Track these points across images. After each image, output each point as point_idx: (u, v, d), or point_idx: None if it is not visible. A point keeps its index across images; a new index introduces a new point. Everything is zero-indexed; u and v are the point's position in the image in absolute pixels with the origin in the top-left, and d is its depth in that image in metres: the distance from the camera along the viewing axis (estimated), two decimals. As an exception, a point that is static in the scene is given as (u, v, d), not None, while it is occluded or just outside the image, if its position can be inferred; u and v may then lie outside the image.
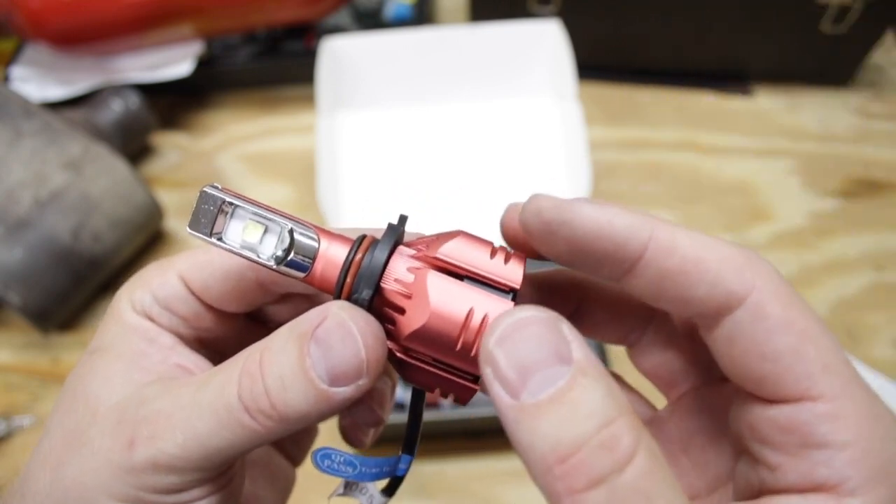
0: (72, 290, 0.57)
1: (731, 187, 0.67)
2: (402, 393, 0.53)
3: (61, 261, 0.55)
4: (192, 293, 0.22)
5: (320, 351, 0.17)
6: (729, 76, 0.75)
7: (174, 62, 0.68)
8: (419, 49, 0.61)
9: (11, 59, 0.72)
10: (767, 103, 0.73)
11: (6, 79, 0.70)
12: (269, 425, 0.17)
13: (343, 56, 0.60)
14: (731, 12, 0.68)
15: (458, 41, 0.61)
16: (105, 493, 0.18)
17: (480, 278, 0.18)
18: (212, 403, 0.18)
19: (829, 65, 0.72)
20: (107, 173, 0.57)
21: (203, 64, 0.71)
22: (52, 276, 0.55)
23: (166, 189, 0.68)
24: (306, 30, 0.74)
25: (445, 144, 0.61)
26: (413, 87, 0.62)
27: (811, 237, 0.64)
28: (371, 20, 0.76)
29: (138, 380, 0.20)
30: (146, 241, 0.64)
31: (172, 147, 0.72)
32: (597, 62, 0.75)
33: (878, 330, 0.58)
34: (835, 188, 0.67)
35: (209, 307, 0.22)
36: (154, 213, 0.61)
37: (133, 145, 0.68)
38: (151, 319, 0.21)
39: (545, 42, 0.60)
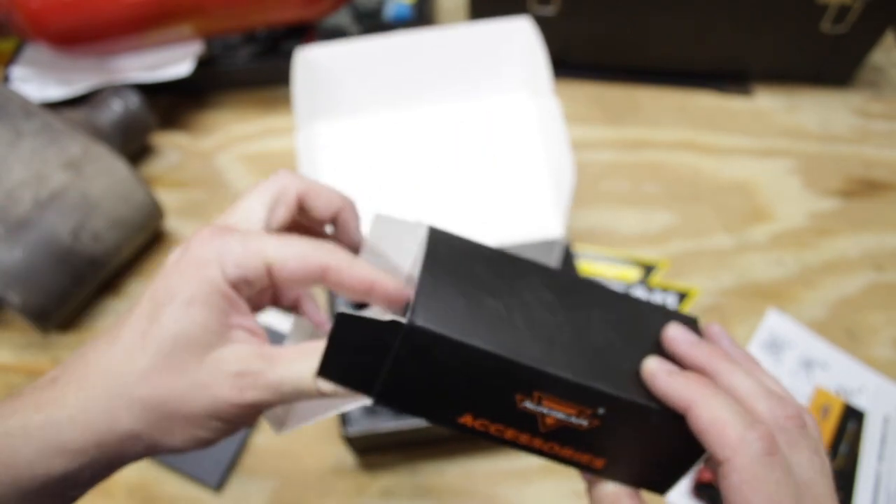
0: (72, 290, 0.57)
1: (730, 187, 0.67)
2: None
3: (61, 261, 0.55)
4: (271, 275, 0.26)
5: None
6: (729, 76, 0.75)
7: (174, 62, 0.68)
8: (392, 55, 0.60)
9: (11, 59, 0.72)
10: (767, 103, 0.73)
11: (6, 79, 0.70)
12: None
13: (317, 66, 0.60)
14: (731, 12, 0.68)
15: (430, 44, 0.60)
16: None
17: None
18: None
19: (829, 65, 0.72)
20: (107, 173, 0.57)
21: (203, 64, 0.71)
22: (52, 276, 0.55)
23: (166, 189, 0.69)
24: (306, 30, 0.74)
25: (426, 148, 0.61)
26: (388, 92, 0.61)
27: (811, 237, 0.64)
28: (371, 20, 0.76)
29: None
30: (146, 241, 0.64)
31: (172, 147, 0.72)
32: (597, 62, 0.75)
33: (878, 330, 0.59)
34: (835, 188, 0.67)
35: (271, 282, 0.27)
36: (154, 213, 0.61)
37: (133, 145, 0.68)
38: (237, 290, 0.26)
39: (517, 40, 0.60)
